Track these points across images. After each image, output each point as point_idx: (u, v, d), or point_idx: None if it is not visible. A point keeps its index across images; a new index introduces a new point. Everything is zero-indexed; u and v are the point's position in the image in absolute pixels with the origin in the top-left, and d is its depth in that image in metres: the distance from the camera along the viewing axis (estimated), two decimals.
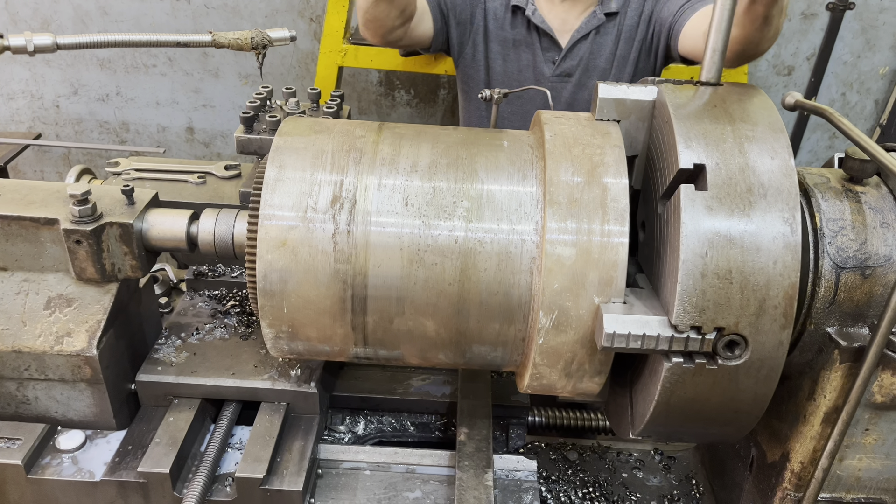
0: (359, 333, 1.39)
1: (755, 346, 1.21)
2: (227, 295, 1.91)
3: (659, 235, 1.32)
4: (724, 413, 1.30)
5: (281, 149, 1.37)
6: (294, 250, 1.31)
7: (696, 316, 1.19)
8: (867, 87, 4.59)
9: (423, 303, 1.33)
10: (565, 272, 1.24)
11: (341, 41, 3.69)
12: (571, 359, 1.31)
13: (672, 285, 1.21)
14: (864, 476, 1.44)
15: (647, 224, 1.41)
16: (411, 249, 1.30)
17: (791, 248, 1.19)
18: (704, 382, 1.24)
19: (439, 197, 1.32)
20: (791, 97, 1.46)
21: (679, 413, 1.29)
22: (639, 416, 1.35)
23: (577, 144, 1.33)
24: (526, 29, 2.74)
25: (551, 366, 1.32)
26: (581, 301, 1.25)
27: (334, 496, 1.56)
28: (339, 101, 1.97)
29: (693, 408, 1.28)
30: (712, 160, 1.23)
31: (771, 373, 1.24)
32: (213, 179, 2.08)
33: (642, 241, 1.45)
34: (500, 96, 1.82)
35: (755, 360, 1.22)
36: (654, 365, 1.28)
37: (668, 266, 1.24)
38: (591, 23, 2.71)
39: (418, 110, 4.77)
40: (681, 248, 1.18)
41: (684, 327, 1.19)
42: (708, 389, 1.25)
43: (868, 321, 1.34)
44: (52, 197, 1.55)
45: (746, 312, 1.19)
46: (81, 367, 1.50)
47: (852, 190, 1.37)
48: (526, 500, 1.56)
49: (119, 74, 4.69)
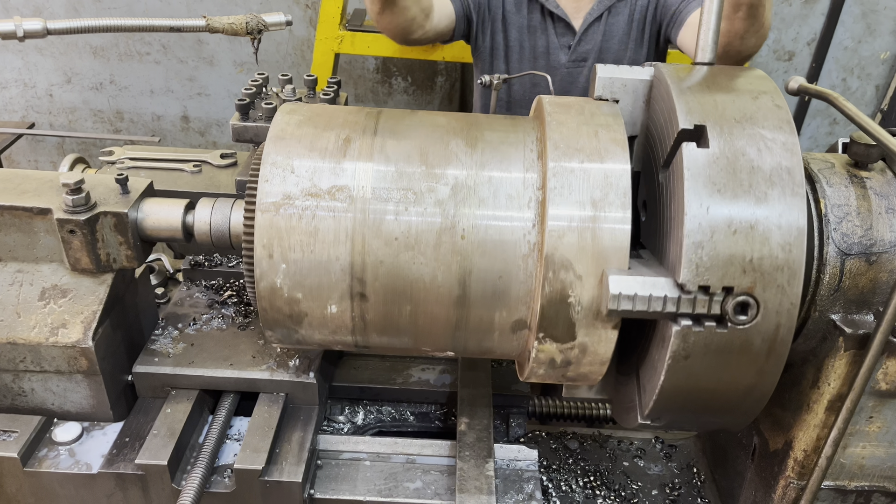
0: (358, 322, 1.37)
1: (767, 307, 1.16)
2: (224, 285, 1.89)
3: (661, 205, 1.30)
4: (736, 386, 1.24)
5: (277, 137, 1.35)
6: (292, 267, 1.29)
7: (703, 273, 1.15)
8: (868, 73, 4.56)
9: (422, 291, 1.31)
10: (566, 258, 1.22)
11: (337, 27, 3.65)
12: (567, 364, 1.30)
13: (677, 244, 1.18)
14: (867, 464, 1.43)
15: (649, 202, 1.40)
16: (410, 236, 1.29)
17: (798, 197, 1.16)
18: (716, 349, 1.19)
19: (437, 210, 1.29)
20: (794, 82, 1.44)
21: (690, 388, 1.24)
22: (647, 396, 1.31)
23: (578, 128, 1.31)
24: (540, 14, 2.73)
25: (547, 369, 1.31)
26: (583, 285, 1.23)
27: (334, 487, 1.55)
28: (335, 88, 1.94)
29: (704, 381, 1.23)
30: (713, 122, 1.21)
31: (785, 336, 1.18)
32: (208, 168, 2.05)
33: (644, 222, 1.44)
34: (499, 82, 1.80)
35: (768, 323, 1.17)
36: (662, 333, 1.23)
37: (672, 228, 1.22)
38: (603, 3, 2.69)
39: (415, 97, 4.74)
40: (685, 204, 1.16)
41: (692, 286, 1.16)
42: (720, 358, 1.20)
43: (873, 308, 1.33)
44: (45, 186, 1.53)
45: (755, 270, 1.15)
46: (77, 359, 1.48)
47: (857, 175, 1.36)
48: (527, 489, 1.55)
49: (113, 62, 4.64)
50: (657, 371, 1.26)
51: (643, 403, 1.34)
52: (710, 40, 1.39)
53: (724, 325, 1.18)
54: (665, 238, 1.26)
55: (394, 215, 1.29)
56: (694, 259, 1.15)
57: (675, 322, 1.19)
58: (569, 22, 2.70)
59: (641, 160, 1.44)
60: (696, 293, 1.16)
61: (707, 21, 1.38)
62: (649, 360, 1.31)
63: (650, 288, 1.18)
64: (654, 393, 1.26)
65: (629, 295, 1.17)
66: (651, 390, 1.29)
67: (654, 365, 1.28)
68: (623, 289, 1.18)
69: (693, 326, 1.18)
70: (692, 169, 1.18)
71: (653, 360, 1.29)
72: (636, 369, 1.39)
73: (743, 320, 1.17)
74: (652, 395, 1.28)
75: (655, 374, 1.27)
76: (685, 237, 1.15)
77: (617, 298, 1.18)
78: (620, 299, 1.18)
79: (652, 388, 1.28)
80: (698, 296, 1.16)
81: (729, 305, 1.16)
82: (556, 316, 1.25)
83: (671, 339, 1.19)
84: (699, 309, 1.17)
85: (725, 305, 1.16)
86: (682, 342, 1.19)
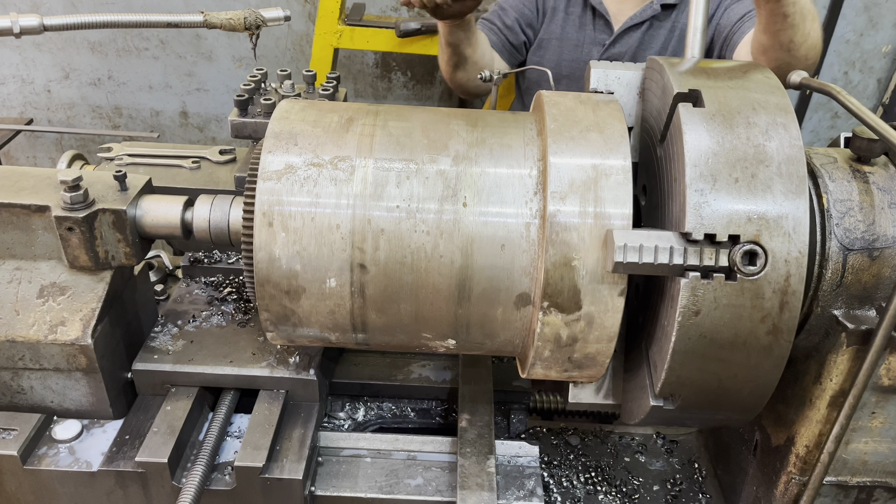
0: (358, 319, 1.36)
1: (775, 255, 1.15)
2: (223, 282, 1.89)
3: (660, 179, 1.30)
4: (750, 349, 1.21)
5: (276, 132, 1.34)
6: (291, 236, 1.28)
7: (707, 221, 1.15)
8: (870, 66, 4.54)
9: (423, 287, 1.30)
10: (569, 220, 1.22)
11: (336, 22, 3.63)
12: (573, 341, 1.29)
13: (680, 196, 1.18)
14: (870, 460, 1.43)
15: (649, 185, 1.40)
16: (411, 232, 1.28)
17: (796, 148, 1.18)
18: (726, 303, 1.17)
19: (439, 181, 1.29)
20: (797, 75, 1.43)
21: (703, 351, 1.20)
22: (659, 368, 1.27)
23: (575, 106, 1.33)
24: (582, 7, 2.74)
25: (553, 349, 1.30)
26: (587, 248, 1.22)
27: (335, 484, 1.55)
28: (335, 83, 1.93)
29: (717, 341, 1.19)
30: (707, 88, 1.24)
31: (796, 287, 1.16)
32: (207, 164, 2.04)
33: (644, 205, 1.43)
34: (499, 77, 1.79)
35: (778, 273, 1.16)
36: (671, 293, 1.21)
37: (674, 190, 1.22)
38: (646, 12, 2.69)
39: (415, 92, 4.72)
40: (685, 156, 1.17)
41: (697, 235, 1.15)
42: (731, 313, 1.17)
43: (876, 304, 1.32)
44: (42, 183, 1.52)
45: (760, 217, 1.15)
46: (76, 357, 1.47)
47: (860, 170, 1.35)
48: (528, 485, 1.54)
49: (111, 58, 4.62)
50: (668, 335, 1.22)
51: (655, 379, 1.30)
52: (698, 38, 1.46)
53: (734, 276, 1.16)
54: (666, 207, 1.26)
55: (395, 183, 1.28)
56: (697, 207, 1.15)
57: (683, 276, 1.17)
58: (608, 19, 2.71)
59: (639, 151, 1.45)
60: (703, 243, 1.16)
61: (694, 21, 1.46)
62: (659, 330, 1.28)
63: (655, 240, 1.17)
64: (666, 360, 1.23)
65: (634, 246, 1.16)
66: (663, 358, 1.25)
67: (665, 331, 1.24)
68: (628, 241, 1.17)
69: (702, 279, 1.16)
70: (689, 124, 1.20)
71: (663, 328, 1.26)
72: (645, 352, 1.37)
73: (752, 270, 1.15)
74: (664, 362, 1.24)
75: (666, 340, 1.23)
76: (687, 186, 1.16)
77: (623, 250, 1.16)
78: (626, 250, 1.16)
79: (663, 357, 1.24)
80: (705, 247, 1.16)
81: (737, 255, 1.15)
82: (560, 281, 1.23)
83: (680, 293, 1.17)
84: (706, 260, 1.16)
85: (733, 255, 1.15)
86: (692, 296, 1.17)
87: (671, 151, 1.25)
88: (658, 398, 1.29)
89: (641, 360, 1.38)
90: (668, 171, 1.25)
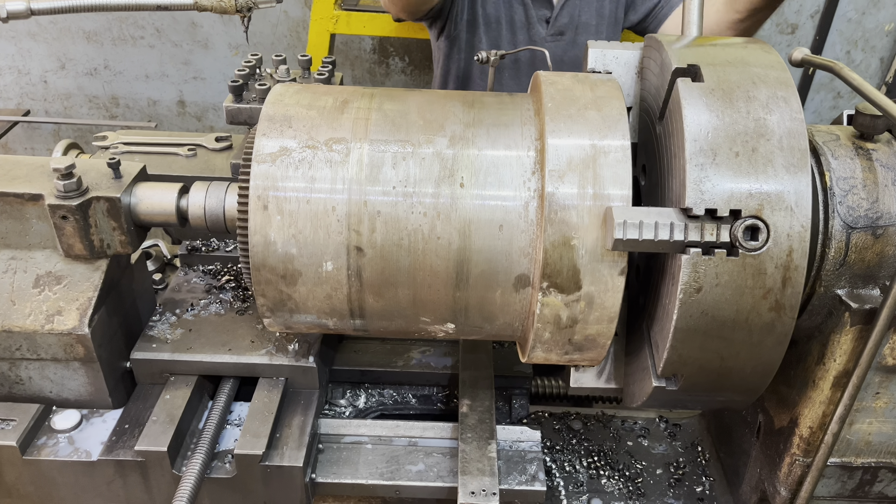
0: (356, 305, 1.35)
1: (777, 230, 1.13)
2: (221, 270, 1.87)
3: (660, 157, 1.28)
4: (752, 326, 1.19)
5: (270, 118, 1.33)
6: (286, 219, 1.27)
7: (708, 195, 1.13)
8: (872, 45, 4.50)
9: (421, 270, 1.29)
10: (568, 198, 1.20)
11: (332, 7, 3.60)
12: (573, 322, 1.27)
13: (681, 171, 1.16)
14: (874, 440, 1.42)
15: (648, 164, 1.38)
16: (408, 214, 1.26)
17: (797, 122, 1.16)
18: (728, 279, 1.15)
19: (435, 162, 1.27)
20: (799, 52, 1.41)
21: (705, 328, 1.19)
22: (661, 347, 1.26)
23: (573, 85, 1.31)
24: None
25: (553, 331, 1.28)
26: (586, 226, 1.20)
27: (336, 471, 1.54)
28: (330, 68, 1.91)
29: (720, 318, 1.17)
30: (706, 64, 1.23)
31: (799, 262, 1.14)
32: (203, 152, 2.02)
33: (644, 185, 1.42)
34: (496, 58, 1.76)
35: (780, 248, 1.14)
36: (671, 269, 1.20)
37: (674, 166, 1.20)
38: None
39: (413, 77, 4.68)
40: (685, 129, 1.15)
41: (698, 210, 1.13)
42: (733, 289, 1.15)
43: (879, 282, 1.30)
44: (35, 172, 1.50)
45: (761, 192, 1.13)
46: (74, 346, 1.46)
47: (863, 147, 1.33)
48: (530, 470, 1.54)
49: (106, 47, 4.59)
50: (669, 314, 1.20)
51: (657, 359, 1.28)
52: (696, 14, 1.43)
53: (735, 252, 1.14)
54: (666, 180, 1.24)
55: (391, 164, 1.27)
56: (697, 182, 1.13)
57: (684, 252, 1.15)
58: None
59: (638, 131, 1.43)
60: (704, 219, 1.14)
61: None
62: (661, 309, 1.26)
63: (655, 217, 1.15)
64: (668, 338, 1.21)
65: (634, 223, 1.14)
66: (664, 337, 1.23)
67: (666, 309, 1.23)
68: (628, 217, 1.15)
69: (703, 255, 1.14)
70: (689, 98, 1.18)
71: (664, 307, 1.24)
72: (646, 331, 1.36)
73: (754, 245, 1.13)
74: (666, 341, 1.22)
75: (668, 318, 1.21)
76: (688, 161, 1.14)
77: (622, 226, 1.14)
78: (626, 227, 1.14)
79: (665, 336, 1.22)
80: (705, 222, 1.14)
81: (738, 231, 1.13)
82: (559, 261, 1.21)
83: (681, 270, 1.15)
84: (707, 237, 1.14)
85: (734, 231, 1.13)
86: (693, 272, 1.15)
87: (670, 127, 1.23)
88: (660, 378, 1.28)
89: (643, 342, 1.37)
90: (668, 148, 1.24)
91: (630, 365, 1.44)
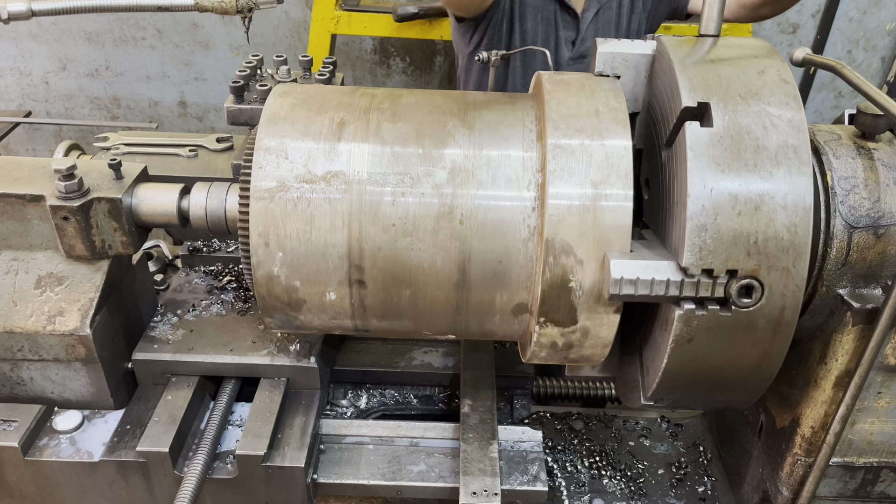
0: (357, 308, 1.35)
1: (772, 289, 1.14)
2: (223, 270, 1.87)
3: (664, 184, 1.27)
4: (740, 368, 1.23)
5: (270, 120, 1.32)
6: (288, 256, 1.27)
7: (706, 257, 1.13)
8: (873, 44, 4.49)
9: (421, 276, 1.29)
10: (567, 242, 1.20)
11: (333, 8, 3.60)
12: (569, 347, 1.28)
13: (680, 227, 1.15)
14: (876, 440, 1.41)
15: (651, 180, 1.37)
16: (408, 222, 1.26)
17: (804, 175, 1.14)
18: (719, 332, 1.17)
19: (435, 164, 1.27)
20: (800, 52, 1.40)
21: (694, 370, 1.23)
22: (651, 377, 1.30)
23: (578, 106, 1.28)
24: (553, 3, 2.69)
25: (549, 352, 1.29)
26: (584, 270, 1.21)
27: (337, 471, 1.54)
28: (331, 69, 1.91)
29: (708, 363, 1.21)
30: (717, 99, 1.18)
31: (790, 317, 1.16)
32: (204, 152, 2.02)
33: (647, 200, 1.41)
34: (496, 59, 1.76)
35: (773, 305, 1.15)
36: (665, 316, 1.22)
37: (675, 209, 1.19)
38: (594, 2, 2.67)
39: (414, 78, 4.69)
40: (688, 185, 1.13)
41: (695, 270, 1.14)
42: (724, 340, 1.18)
43: (881, 282, 1.30)
44: (37, 173, 1.51)
45: (760, 252, 1.13)
46: (75, 347, 1.47)
47: (865, 146, 1.32)
48: (532, 470, 1.54)
49: (108, 48, 4.60)
50: (660, 353, 1.24)
51: (647, 384, 1.32)
52: (716, 12, 1.35)
53: (728, 308, 1.16)
54: (668, 217, 1.24)
55: (391, 200, 1.26)
56: (697, 242, 1.13)
57: (677, 306, 1.17)
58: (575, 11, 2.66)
59: (643, 137, 1.41)
60: (700, 277, 1.14)
61: None
62: (652, 342, 1.29)
63: (652, 272, 1.15)
64: (658, 375, 1.25)
65: (631, 279, 1.15)
66: (654, 372, 1.27)
67: (658, 347, 1.26)
68: (625, 273, 1.15)
69: (696, 310, 1.16)
70: (695, 149, 1.15)
71: (656, 343, 1.27)
72: (639, 350, 1.38)
73: (747, 303, 1.15)
74: (655, 376, 1.26)
75: (658, 357, 1.25)
76: (688, 220, 1.13)
77: (619, 283, 1.16)
78: (622, 284, 1.16)
79: (655, 370, 1.26)
80: (702, 279, 1.14)
81: (733, 289, 1.14)
82: (557, 300, 1.23)
83: (674, 322, 1.17)
84: (702, 292, 1.15)
85: (729, 288, 1.14)
86: (685, 326, 1.17)
87: (675, 169, 1.20)
88: (649, 399, 1.32)
89: (635, 349, 1.39)
90: (671, 185, 1.22)
91: (624, 365, 1.45)
